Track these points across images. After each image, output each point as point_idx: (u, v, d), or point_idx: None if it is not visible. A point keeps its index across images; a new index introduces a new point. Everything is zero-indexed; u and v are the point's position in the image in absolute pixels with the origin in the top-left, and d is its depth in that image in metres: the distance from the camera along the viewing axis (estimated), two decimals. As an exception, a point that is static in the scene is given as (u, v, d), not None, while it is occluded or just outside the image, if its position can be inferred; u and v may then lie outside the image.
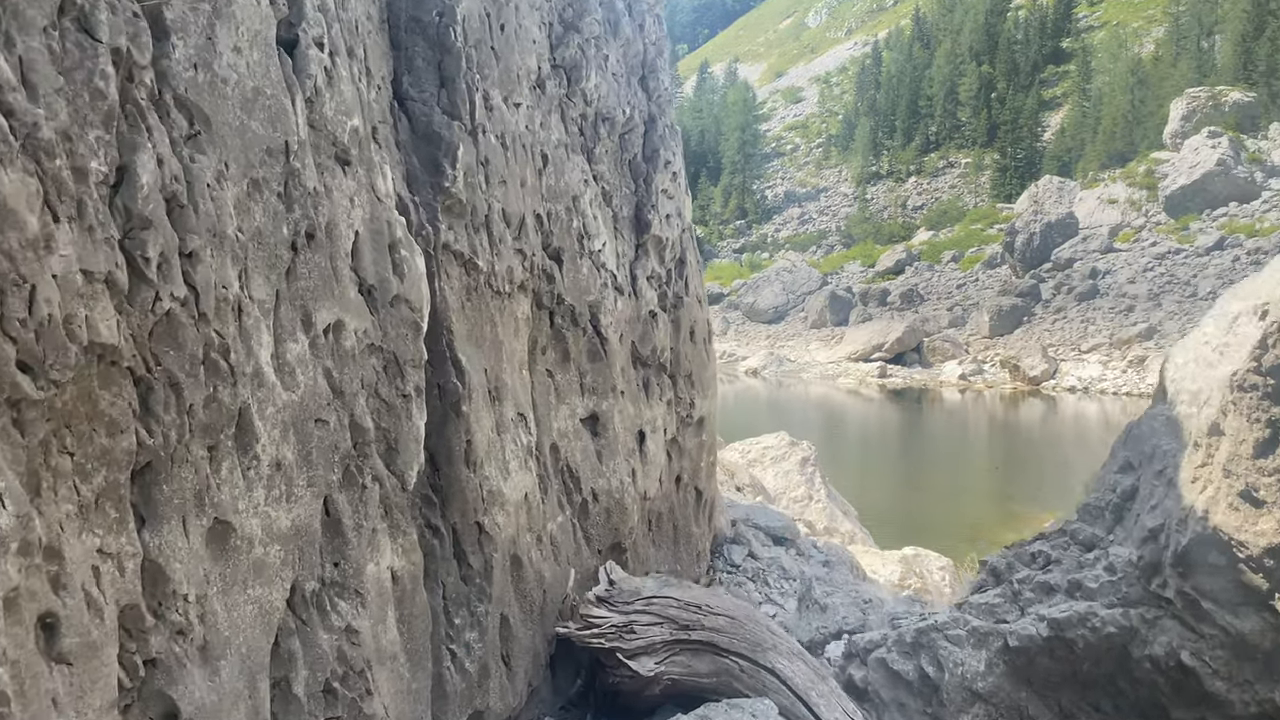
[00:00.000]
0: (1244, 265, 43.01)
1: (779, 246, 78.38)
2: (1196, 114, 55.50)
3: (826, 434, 28.79)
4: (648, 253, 5.00)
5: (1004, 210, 64.87)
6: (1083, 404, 37.13)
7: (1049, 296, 48.29)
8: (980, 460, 24.15)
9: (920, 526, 14.52)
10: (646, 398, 4.94)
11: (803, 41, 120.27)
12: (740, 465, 8.75)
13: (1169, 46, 67.58)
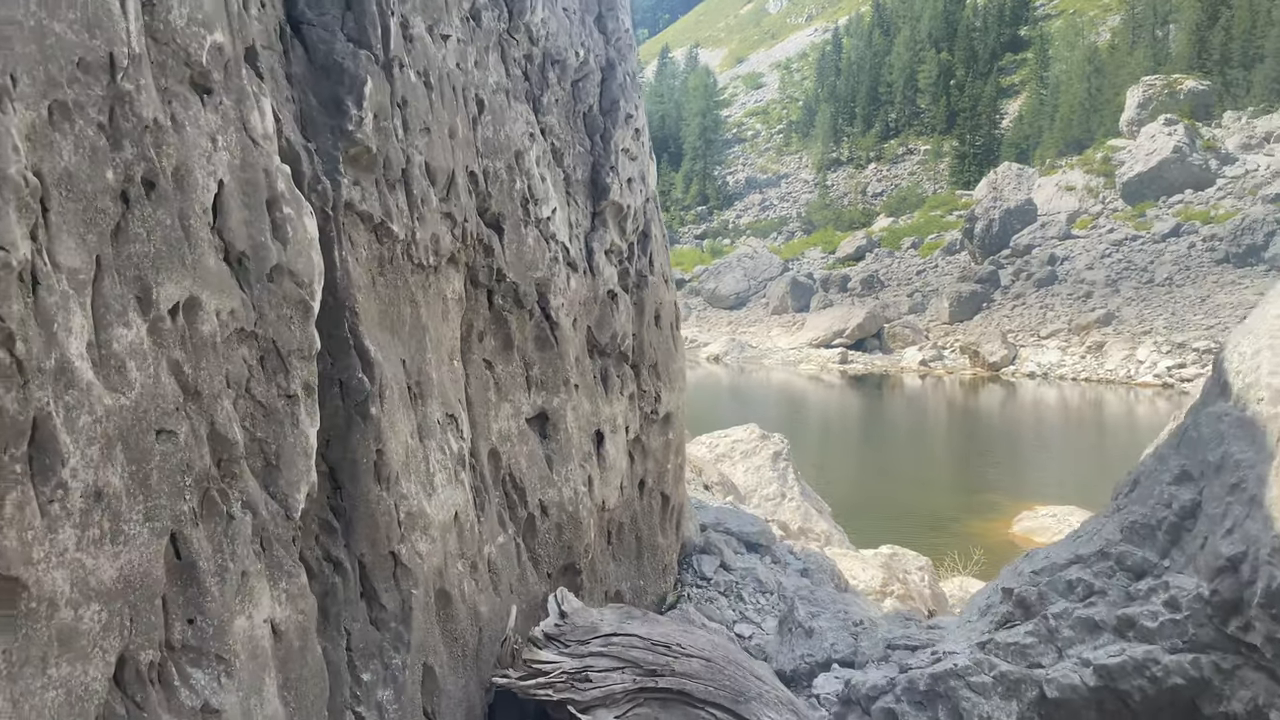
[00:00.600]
0: (1200, 252, 43.15)
1: (740, 233, 77.86)
2: (1152, 102, 55.62)
3: (790, 421, 28.22)
4: (606, 223, 4.23)
5: (963, 197, 64.76)
6: (1042, 390, 36.95)
7: (1008, 283, 48.19)
8: (945, 447, 23.71)
9: (892, 518, 13.93)
10: (605, 392, 4.17)
11: (763, 27, 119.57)
12: (708, 461, 8.04)
13: (1125, 35, 67.74)
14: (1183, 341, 37.32)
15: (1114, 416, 30.35)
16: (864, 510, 14.37)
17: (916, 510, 14.64)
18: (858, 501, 15.30)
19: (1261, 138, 50.28)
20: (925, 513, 14.49)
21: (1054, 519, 13.36)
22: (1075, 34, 72.61)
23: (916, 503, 15.26)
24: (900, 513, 14.38)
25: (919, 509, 14.74)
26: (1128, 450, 22.33)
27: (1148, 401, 33.10)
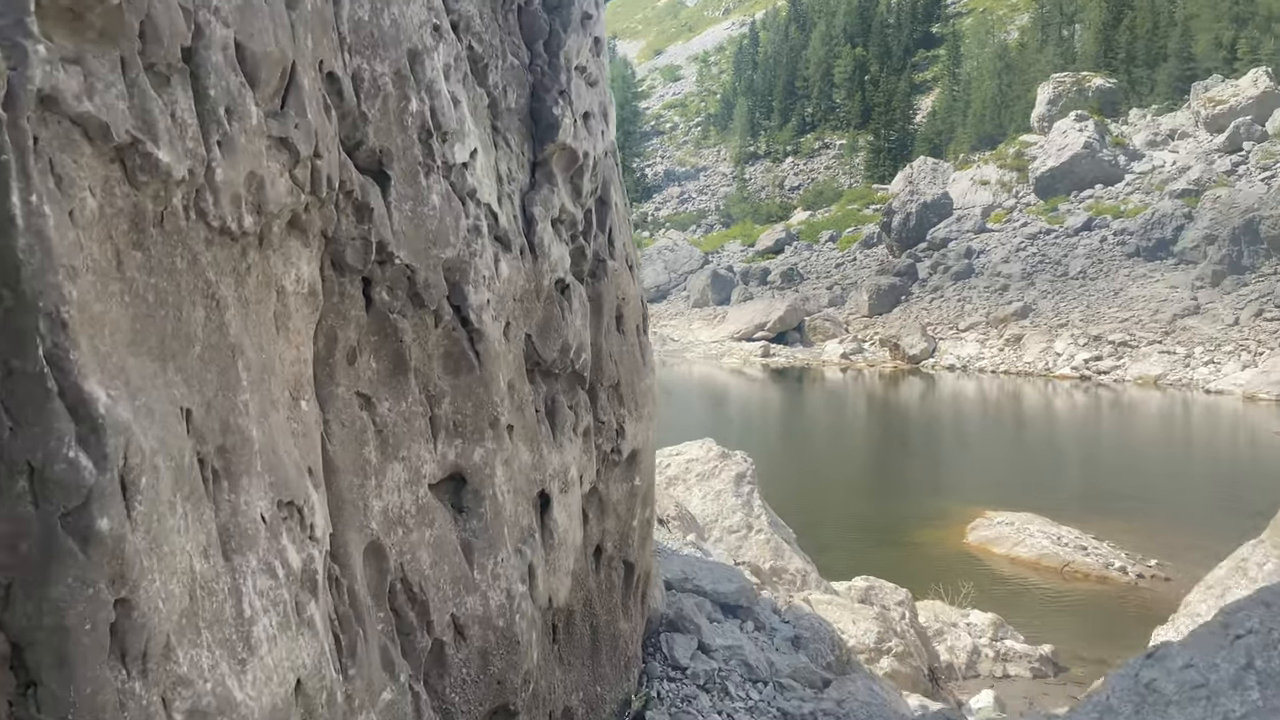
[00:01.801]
0: (1111, 246, 43.35)
1: (660, 225, 76.65)
2: (1062, 98, 56.05)
3: (718, 418, 27.01)
4: (553, 178, 2.72)
5: (879, 191, 64.66)
6: (961, 382, 36.52)
7: (925, 276, 47.91)
8: (880, 447, 22.75)
9: (848, 530, 12.72)
10: (553, 432, 2.72)
11: (680, 20, 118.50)
12: (659, 487, 6.65)
13: (1034, 33, 68.47)
14: (1098, 334, 37.31)
15: (1036, 410, 29.89)
16: (816, 524, 13.12)
17: (869, 521, 13.47)
18: (805, 512, 14.05)
19: (1166, 135, 50.98)
20: (878, 523, 13.33)
21: (1011, 528, 12.31)
22: (986, 32, 73.22)
23: (866, 512, 14.10)
24: (854, 525, 13.18)
25: (871, 519, 13.58)
26: (1056, 446, 21.77)
27: (1065, 394, 32.84)
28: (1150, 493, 15.94)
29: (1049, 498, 15.35)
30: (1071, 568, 11.08)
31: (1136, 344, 35.88)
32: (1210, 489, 16.50)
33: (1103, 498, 15.37)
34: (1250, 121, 46.14)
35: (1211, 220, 39.03)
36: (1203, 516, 14.15)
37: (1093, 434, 24.00)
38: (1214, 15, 54.60)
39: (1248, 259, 36.37)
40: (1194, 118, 50.29)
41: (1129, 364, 35.04)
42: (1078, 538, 11.92)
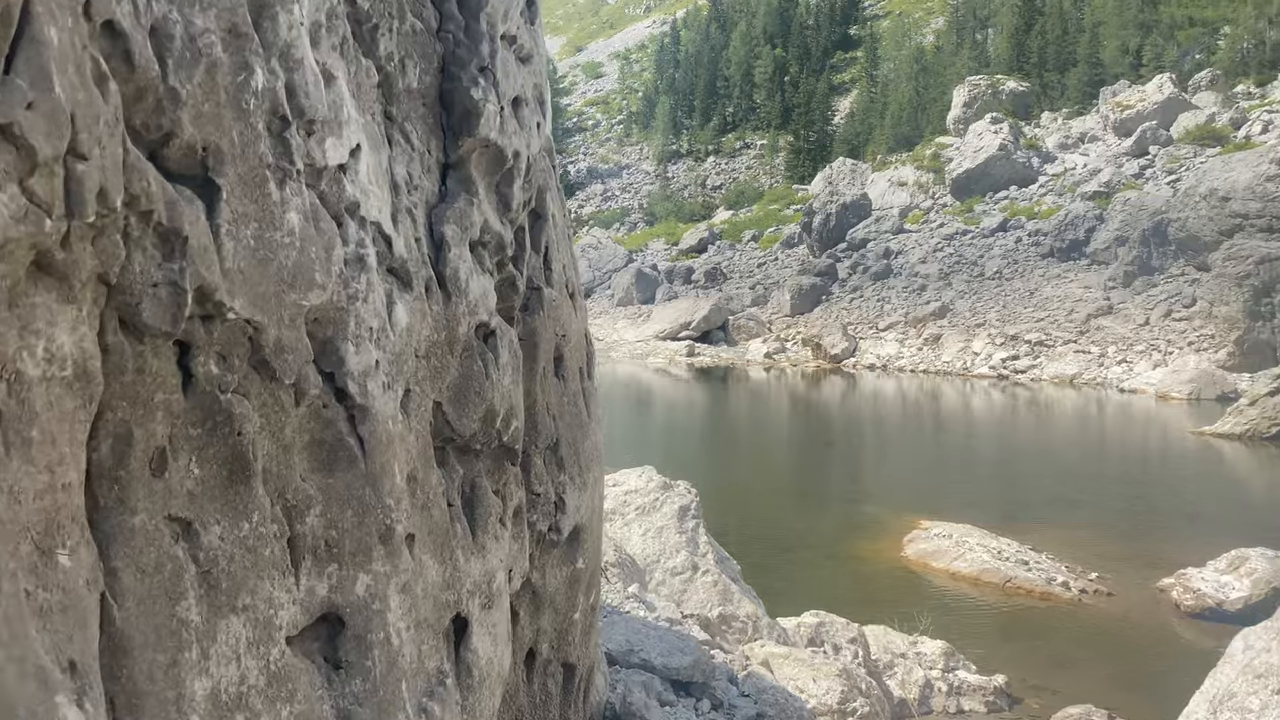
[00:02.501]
0: (1026, 247, 43.97)
1: (583, 223, 75.82)
2: (977, 101, 56.87)
3: (646, 422, 26.40)
4: (472, 185, 1.91)
5: (800, 191, 64.86)
6: (882, 381, 36.57)
7: (845, 276, 48.04)
8: (808, 450, 22.35)
9: (782, 550, 12.14)
10: (473, 531, 1.97)
11: (601, 17, 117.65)
12: (593, 522, 5.97)
13: (949, 37, 69.48)
14: (1015, 334, 37.74)
15: (958, 410, 29.95)
16: (751, 540, 12.53)
17: (804, 535, 12.92)
18: (740, 528, 13.46)
19: (1076, 138, 52.02)
20: (814, 538, 12.79)
21: (949, 541, 11.89)
22: (902, 34, 74.08)
23: (801, 525, 13.56)
24: (790, 541, 12.61)
25: (806, 534, 13.04)
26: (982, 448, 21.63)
27: (984, 393, 33.07)
28: (1080, 496, 15.77)
29: (982, 504, 15.05)
30: (1013, 584, 10.68)
31: (1052, 343, 36.37)
32: (1137, 492, 16.42)
33: (1034, 504, 15.14)
34: (1156, 126, 47.29)
35: (1122, 222, 39.80)
36: (1135, 522, 13.99)
37: (1016, 435, 24.01)
38: (1120, 23, 55.98)
39: (1157, 260, 37.14)
40: (1103, 122, 51.42)
41: (1045, 363, 35.49)
42: (1017, 551, 11.55)
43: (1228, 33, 52.85)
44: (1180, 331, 33.98)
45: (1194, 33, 53.61)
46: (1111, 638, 9.43)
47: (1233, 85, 49.95)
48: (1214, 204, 35.47)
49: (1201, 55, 53.49)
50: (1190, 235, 36.15)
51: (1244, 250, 31.61)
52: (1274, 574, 9.58)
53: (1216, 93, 49.41)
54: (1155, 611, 10.02)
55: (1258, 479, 18.36)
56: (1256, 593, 9.52)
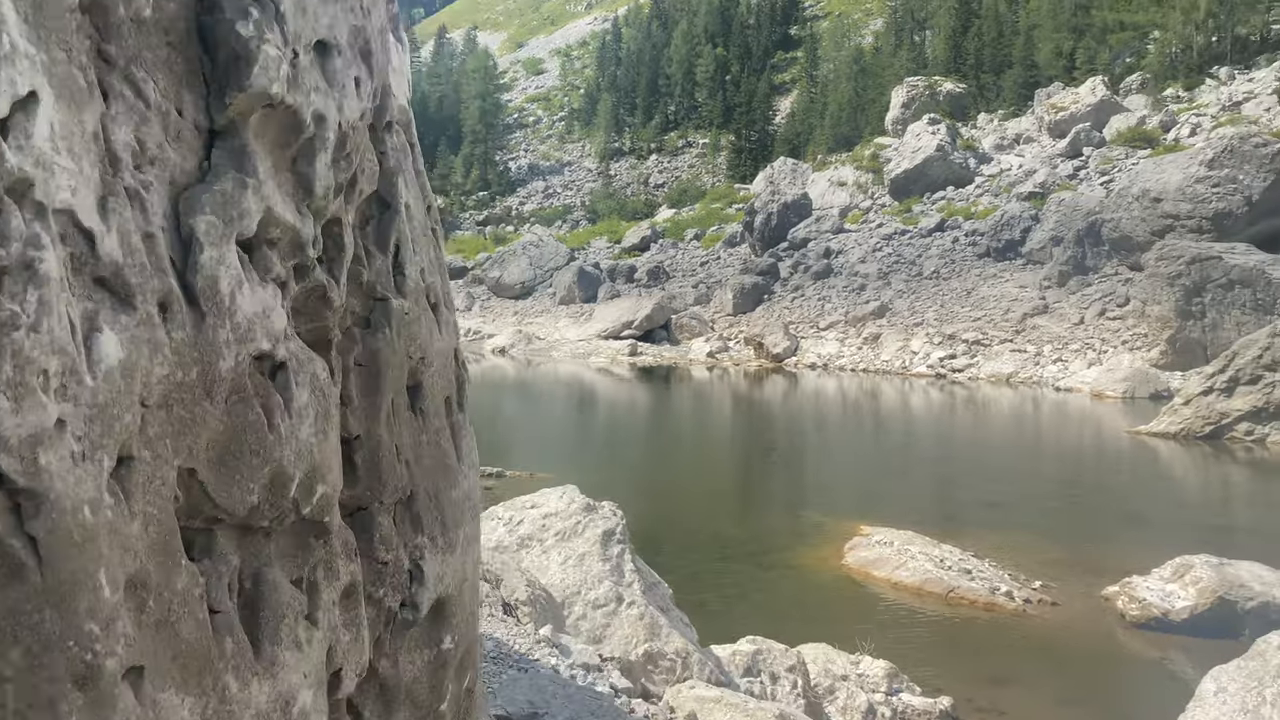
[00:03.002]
0: (963, 246, 44.22)
1: (524, 220, 74.88)
2: (915, 102, 57.22)
3: (583, 424, 25.83)
4: (248, 159, 1.34)
5: (741, 190, 64.75)
6: (823, 380, 36.43)
7: (787, 275, 47.94)
8: (748, 450, 21.96)
9: (720, 560, 11.66)
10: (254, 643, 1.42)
11: (543, 13, 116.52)
12: (508, 549, 5.33)
13: (887, 38, 69.91)
14: (952, 333, 37.87)
15: (898, 409, 29.85)
16: (686, 550, 12.03)
17: (743, 543, 12.45)
18: (674, 538, 12.95)
19: (1012, 139, 52.58)
20: (753, 545, 12.32)
21: (891, 549, 11.51)
22: (842, 35, 74.44)
23: (738, 532, 13.09)
24: (727, 549, 12.13)
25: (745, 541, 12.56)
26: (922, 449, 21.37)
27: (922, 391, 33.07)
28: (1020, 499, 15.55)
29: (923, 507, 14.74)
30: (957, 594, 10.32)
31: (989, 342, 36.55)
32: (1076, 494, 16.27)
33: (975, 507, 14.87)
34: (1089, 128, 47.94)
35: (1056, 222, 40.19)
36: (1075, 526, 13.78)
37: (955, 435, 23.88)
38: (1054, 25, 56.72)
39: (1091, 260, 37.54)
40: (1038, 123, 52.02)
41: (982, 362, 35.63)
42: (960, 559, 11.20)
43: (1157, 37, 53.85)
44: (1114, 330, 34.34)
45: (1125, 37, 54.52)
46: (1057, 652, 9.10)
47: (1162, 89, 50.86)
48: (1146, 205, 35.93)
49: (1132, 59, 54.44)
50: (1123, 235, 36.58)
51: (1175, 250, 32.00)
52: (1219, 583, 9.32)
53: (1147, 96, 50.28)
54: (1100, 622, 9.72)
55: (1193, 479, 18.38)
56: (1202, 602, 9.26)
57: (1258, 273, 30.87)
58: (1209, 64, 51.22)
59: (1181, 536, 13.10)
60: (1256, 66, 49.95)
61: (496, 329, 50.89)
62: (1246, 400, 21.08)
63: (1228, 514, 15.24)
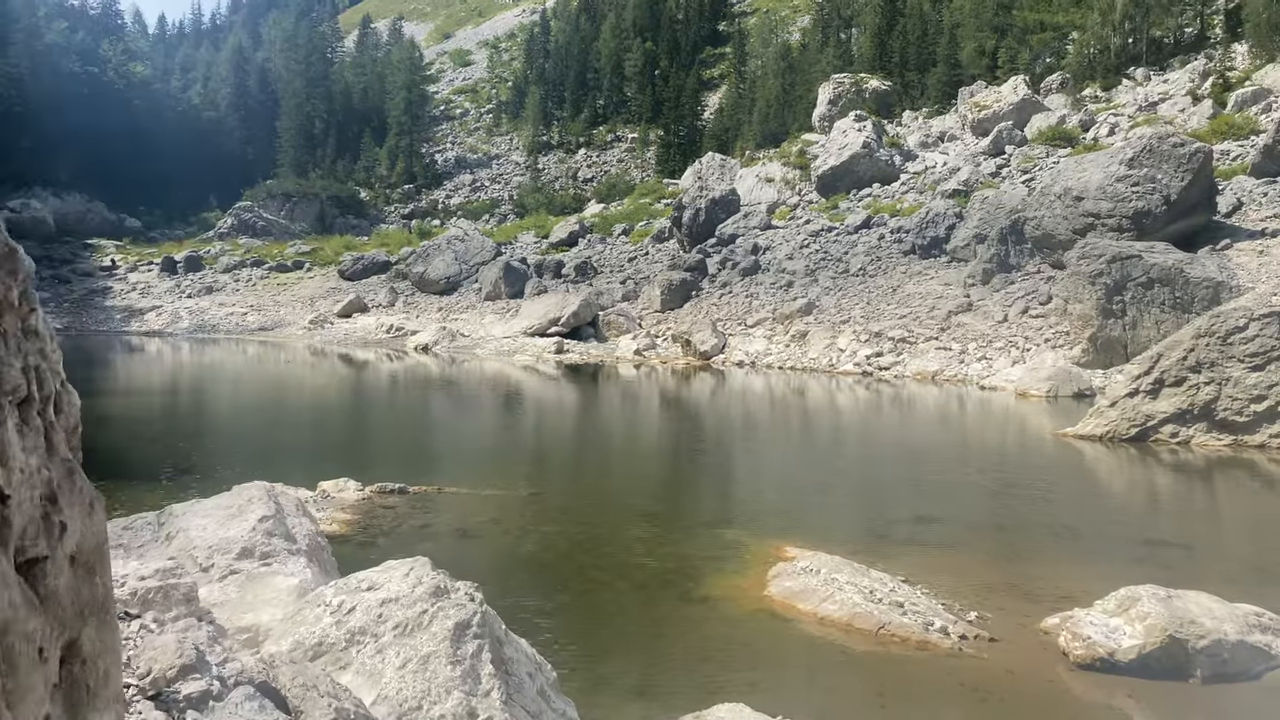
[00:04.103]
0: (889, 244, 43.84)
1: (450, 213, 72.93)
2: (842, 99, 56.85)
3: (499, 426, 24.50)
4: None
5: (670, 185, 63.83)
6: (750, 378, 35.65)
7: (715, 271, 47.11)
8: (671, 457, 20.90)
9: (630, 587, 10.51)
10: None
11: (470, 4, 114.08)
12: (333, 648, 4.12)
13: (814, 34, 69.57)
14: (879, 330, 37.37)
15: (825, 409, 29.15)
16: (598, 579, 10.88)
17: (658, 570, 11.32)
18: (585, 560, 11.79)
19: (936, 136, 52.49)
20: (668, 573, 11.20)
21: (818, 578, 10.51)
22: (769, 31, 73.98)
23: (654, 557, 11.97)
24: (640, 577, 10.99)
25: (660, 568, 11.44)
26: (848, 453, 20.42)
27: (849, 389, 32.46)
28: (949, 513, 14.74)
29: (849, 523, 13.83)
30: (888, 631, 9.34)
31: (914, 340, 36.11)
32: (1006, 505, 15.54)
33: (903, 521, 14.00)
34: (1011, 126, 47.99)
35: (980, 220, 39.98)
36: (1008, 542, 12.97)
37: (882, 440, 23.17)
38: (977, 25, 56.81)
39: (1014, 258, 37.35)
40: (961, 121, 52.01)
41: (908, 360, 35.17)
42: (891, 589, 10.24)
43: (1075, 38, 54.24)
44: (1037, 329, 34.14)
45: (1045, 37, 54.83)
46: (997, 699, 8.17)
47: (1081, 88, 51.22)
48: (1068, 203, 35.81)
49: (1052, 59, 54.78)
50: (1046, 234, 36.45)
51: (1096, 249, 31.84)
52: (1168, 619, 8.48)
53: (1066, 95, 50.59)
54: (1043, 662, 8.82)
55: (1122, 486, 17.85)
56: (1150, 641, 8.40)
57: (1176, 271, 30.85)
58: (1126, 65, 51.76)
59: (1116, 553, 12.38)
60: (1170, 68, 50.60)
61: (420, 325, 49.19)
62: (1171, 402, 20.69)
63: (1160, 526, 14.63)
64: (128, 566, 4.85)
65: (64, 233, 66.60)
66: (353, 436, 22.68)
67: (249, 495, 6.05)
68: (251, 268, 63.10)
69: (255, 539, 5.74)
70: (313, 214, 72.65)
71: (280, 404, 28.30)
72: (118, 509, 12.66)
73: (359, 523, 13.01)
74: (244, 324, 54.65)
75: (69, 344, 48.32)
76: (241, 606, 5.30)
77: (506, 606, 9.75)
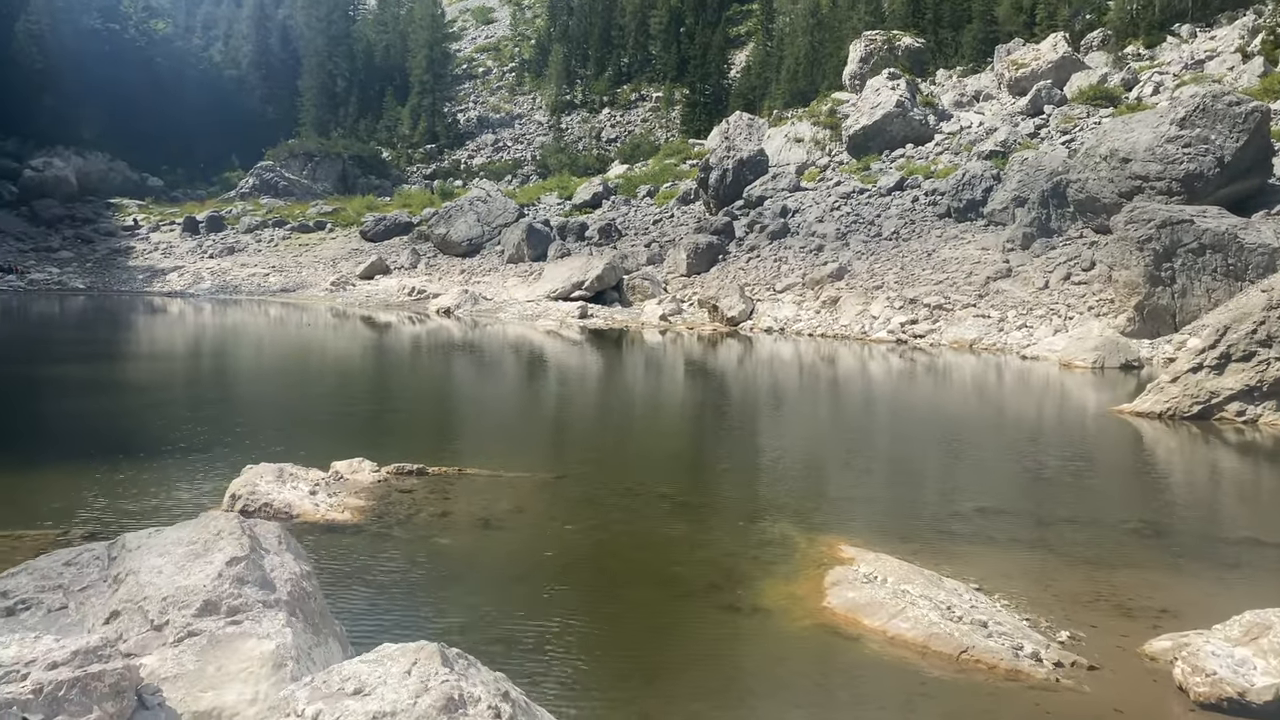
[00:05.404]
0: (923, 206, 42.08)
1: (473, 174, 71.31)
2: (873, 57, 54.63)
3: (522, 393, 23.24)
4: None
5: (695, 146, 61.92)
6: (779, 345, 34.27)
7: (742, 234, 45.52)
8: (704, 434, 19.58)
9: (666, 598, 9.23)
10: None
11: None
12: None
13: (845, -9, 66.99)
14: (914, 297, 35.79)
15: (860, 379, 27.74)
16: (626, 582, 9.61)
17: (695, 570, 10.04)
18: (612, 558, 10.54)
19: (971, 96, 50.32)
20: (708, 575, 9.91)
21: (885, 589, 9.22)
22: (798, -12, 71.30)
23: (688, 553, 10.67)
24: (676, 586, 9.69)
25: (697, 567, 10.15)
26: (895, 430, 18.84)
27: (883, 358, 31.03)
28: (1013, 503, 13.38)
29: (905, 515, 12.49)
30: (971, 656, 8.04)
31: (951, 307, 34.53)
32: (1075, 495, 14.14)
33: (967, 514, 12.63)
34: (1050, 85, 45.81)
35: (1019, 182, 38.11)
36: (1087, 540, 11.58)
37: (928, 415, 21.76)
38: (1015, -20, 54.32)
39: (1055, 222, 35.57)
40: (997, 80, 49.78)
41: (944, 327, 33.65)
42: (970, 604, 8.93)
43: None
44: (1079, 296, 32.48)
45: (1086, -8, 52.26)
46: (1109, 747, 6.86)
47: (1123, 45, 48.82)
48: (1114, 165, 33.93)
49: (1092, 15, 52.25)
50: (1090, 197, 34.62)
51: (1145, 213, 30.04)
52: (1311, 654, 7.12)
53: (1108, 53, 48.24)
54: (1155, 699, 7.49)
55: (1195, 471, 16.39)
56: (1290, 680, 7.05)
57: (1229, 237, 29.07)
58: (1170, 21, 49.24)
59: (1208, 555, 11.00)
60: (1218, 24, 48.07)
61: (442, 288, 47.98)
62: (1238, 378, 19.16)
63: (1247, 521, 13.19)
64: (37, 646, 3.57)
65: (86, 192, 65.58)
66: (371, 407, 21.51)
67: (216, 528, 4.75)
68: (273, 228, 61.96)
69: (222, 589, 4.44)
70: (335, 174, 71.25)
71: (299, 370, 27.19)
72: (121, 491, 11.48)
73: (373, 510, 11.81)
74: (266, 285, 53.63)
75: (92, 304, 47.39)
76: (200, 681, 4.02)
77: (529, 625, 8.51)
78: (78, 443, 15.61)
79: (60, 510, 11.24)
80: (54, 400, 20.57)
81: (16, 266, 54.72)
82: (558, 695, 7.05)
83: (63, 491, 12.12)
